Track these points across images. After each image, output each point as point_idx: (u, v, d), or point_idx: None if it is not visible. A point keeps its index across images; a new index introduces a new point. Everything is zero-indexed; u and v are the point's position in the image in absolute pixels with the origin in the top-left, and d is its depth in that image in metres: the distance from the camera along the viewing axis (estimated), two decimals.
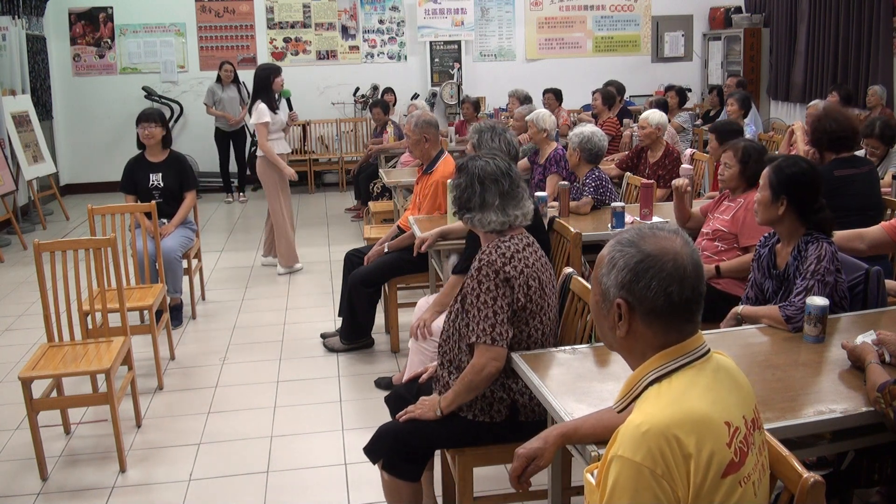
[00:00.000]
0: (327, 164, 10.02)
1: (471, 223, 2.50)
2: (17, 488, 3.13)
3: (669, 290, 1.38)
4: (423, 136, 4.41)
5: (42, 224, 8.02)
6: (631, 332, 1.43)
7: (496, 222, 2.44)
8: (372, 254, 4.35)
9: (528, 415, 2.42)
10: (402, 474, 2.42)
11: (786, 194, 2.62)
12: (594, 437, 1.82)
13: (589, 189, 4.43)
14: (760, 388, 2.02)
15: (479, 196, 2.45)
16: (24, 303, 5.49)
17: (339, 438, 3.45)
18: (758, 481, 1.39)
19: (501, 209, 2.45)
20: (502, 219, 2.45)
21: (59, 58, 9.63)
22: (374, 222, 6.36)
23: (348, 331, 4.37)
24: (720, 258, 3.44)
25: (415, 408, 2.44)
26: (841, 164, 3.73)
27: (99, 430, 3.59)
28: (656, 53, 10.72)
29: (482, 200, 2.45)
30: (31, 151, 7.87)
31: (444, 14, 9.99)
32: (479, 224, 2.47)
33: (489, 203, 2.45)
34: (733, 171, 3.48)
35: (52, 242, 3.40)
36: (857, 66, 8.26)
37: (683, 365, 1.40)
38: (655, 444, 1.28)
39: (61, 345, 3.43)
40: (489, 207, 2.45)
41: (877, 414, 1.91)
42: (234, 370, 4.26)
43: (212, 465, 3.28)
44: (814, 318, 2.35)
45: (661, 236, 1.42)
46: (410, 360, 3.30)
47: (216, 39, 9.94)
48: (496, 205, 2.44)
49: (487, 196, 2.45)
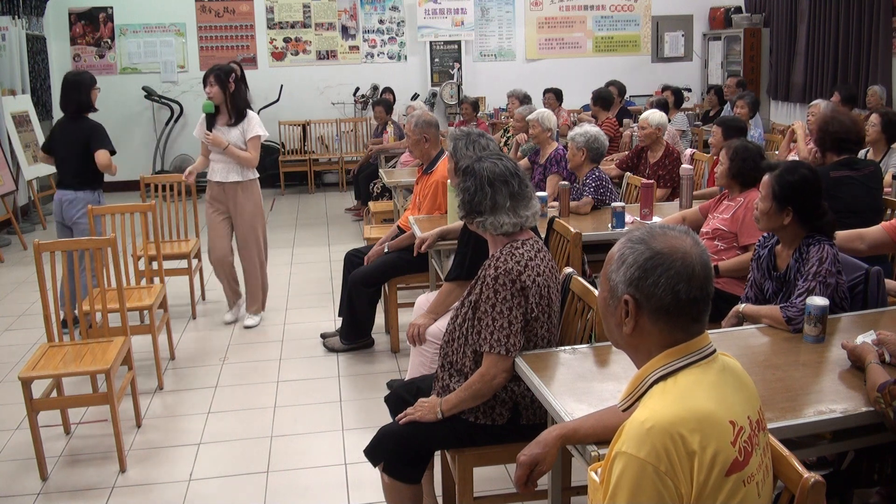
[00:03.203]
0: (327, 164, 10.03)
1: (482, 227, 2.43)
2: (17, 488, 3.13)
3: (677, 289, 1.38)
4: (423, 136, 4.41)
5: (42, 224, 8.03)
6: (637, 329, 1.43)
7: (509, 224, 2.40)
8: (372, 254, 4.35)
9: (529, 417, 2.41)
10: (403, 476, 2.42)
11: (791, 204, 2.59)
12: (594, 438, 1.82)
13: (589, 189, 4.43)
14: (761, 388, 2.01)
15: (489, 199, 2.39)
16: (24, 303, 5.49)
17: (339, 438, 3.45)
18: (761, 482, 1.39)
19: (513, 210, 2.40)
20: (514, 220, 2.40)
21: (59, 58, 9.63)
22: (374, 222, 6.36)
23: (348, 331, 4.37)
24: (720, 257, 3.45)
25: (414, 410, 2.43)
26: (839, 166, 3.73)
27: (99, 430, 3.59)
28: (656, 53, 10.72)
29: (493, 203, 2.39)
30: (31, 151, 7.87)
31: (444, 14, 10.00)
32: (492, 227, 2.41)
33: (500, 205, 2.39)
34: (724, 168, 3.51)
35: (52, 242, 3.40)
36: (857, 66, 8.26)
37: (689, 364, 1.40)
38: (660, 441, 1.28)
39: (61, 345, 3.43)
40: (500, 209, 2.39)
41: (877, 414, 1.91)
42: (234, 370, 4.26)
43: (212, 465, 3.28)
44: (814, 318, 2.35)
45: (671, 235, 1.43)
46: (412, 362, 3.30)
47: (216, 39, 9.95)
48: (507, 206, 2.39)
49: (498, 198, 2.39)
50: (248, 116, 4.71)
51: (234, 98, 4.66)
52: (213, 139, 4.61)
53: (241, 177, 4.74)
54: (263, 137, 4.76)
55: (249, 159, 4.71)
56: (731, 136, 4.34)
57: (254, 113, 4.78)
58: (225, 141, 4.62)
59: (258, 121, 4.75)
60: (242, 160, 4.69)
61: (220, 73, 4.62)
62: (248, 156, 4.70)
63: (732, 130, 4.59)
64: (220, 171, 4.73)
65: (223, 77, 4.62)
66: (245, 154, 4.68)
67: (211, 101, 4.62)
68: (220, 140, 4.60)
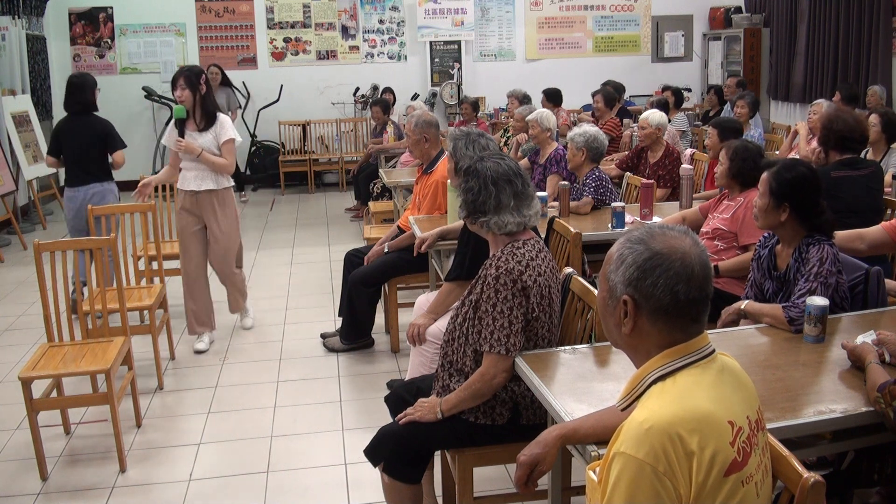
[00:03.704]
0: (327, 164, 10.02)
1: (486, 227, 2.43)
2: (17, 488, 3.13)
3: (676, 289, 1.38)
4: (423, 136, 4.41)
5: (42, 224, 8.03)
6: (636, 329, 1.43)
7: (513, 223, 2.40)
8: (372, 254, 4.35)
9: (529, 417, 2.41)
10: (403, 477, 2.42)
11: (788, 201, 2.60)
12: (594, 438, 1.82)
13: (589, 189, 4.43)
14: (760, 388, 2.01)
15: (494, 198, 2.39)
16: (24, 303, 5.49)
17: (339, 438, 3.45)
18: (760, 482, 1.39)
19: (517, 209, 2.41)
20: (518, 219, 2.41)
21: (59, 58, 9.63)
22: (374, 222, 6.36)
23: (348, 331, 4.37)
24: (720, 257, 3.45)
25: (414, 410, 2.43)
26: (840, 166, 3.72)
27: (99, 430, 3.59)
28: (656, 53, 10.72)
29: (497, 202, 2.40)
30: (31, 151, 7.87)
31: (444, 14, 9.99)
32: (496, 227, 2.41)
33: (504, 204, 2.40)
34: (724, 168, 3.51)
35: (52, 242, 3.40)
36: (857, 66, 8.26)
37: (688, 364, 1.40)
38: (658, 442, 1.28)
39: (61, 345, 3.43)
40: (505, 209, 2.40)
41: (877, 414, 1.91)
42: (234, 370, 4.26)
43: (212, 465, 3.28)
44: (814, 318, 2.35)
45: (670, 235, 1.43)
46: (412, 362, 3.30)
47: (216, 39, 9.94)
48: (511, 206, 2.40)
49: (503, 197, 2.40)
50: (218, 120, 4.39)
51: (204, 101, 4.34)
52: (185, 146, 4.29)
53: (216, 185, 4.42)
54: (238, 142, 4.45)
55: (226, 165, 4.40)
56: (727, 137, 4.33)
57: (225, 116, 4.47)
58: (198, 147, 4.31)
59: (230, 124, 4.45)
60: (218, 167, 4.37)
61: (190, 76, 4.30)
62: (225, 161, 4.38)
63: (728, 132, 4.56)
64: (192, 179, 4.39)
65: (193, 79, 4.31)
66: (220, 160, 4.36)
67: (182, 106, 4.31)
68: (193, 147, 4.29)
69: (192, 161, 4.37)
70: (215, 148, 4.37)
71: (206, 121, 4.36)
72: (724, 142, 3.79)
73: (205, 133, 4.35)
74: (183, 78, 4.28)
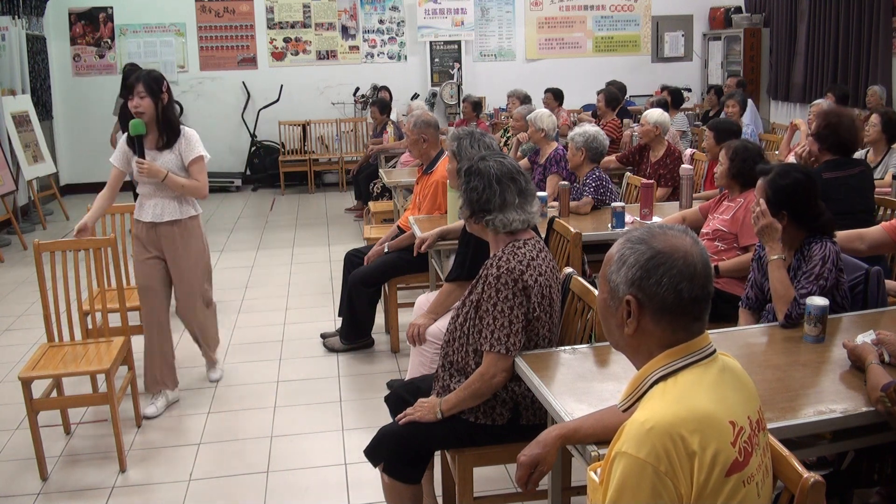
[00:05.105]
0: (327, 164, 10.03)
1: (491, 225, 2.42)
2: (17, 488, 3.13)
3: (680, 287, 1.38)
4: (422, 137, 4.41)
5: (42, 224, 8.03)
6: (639, 329, 1.43)
7: (518, 221, 2.41)
8: (372, 254, 4.35)
9: (529, 417, 2.41)
10: (403, 477, 2.42)
11: (785, 209, 2.59)
12: (594, 438, 1.82)
13: (589, 189, 4.43)
14: (760, 388, 2.00)
15: (498, 196, 2.40)
16: (24, 303, 5.49)
17: (339, 438, 3.45)
18: (761, 482, 1.39)
19: (521, 207, 2.42)
20: (523, 217, 2.42)
21: (59, 58, 9.63)
22: (374, 222, 6.36)
23: (348, 331, 4.37)
24: (720, 258, 3.44)
25: (414, 410, 2.43)
26: (831, 167, 3.67)
27: (99, 430, 3.59)
28: (656, 53, 10.72)
29: (502, 200, 2.40)
30: (31, 151, 7.88)
31: (444, 14, 10.00)
32: (501, 225, 2.41)
33: (510, 202, 2.40)
34: (724, 168, 3.51)
35: (52, 242, 3.40)
36: (857, 66, 8.26)
37: (689, 364, 1.40)
38: (660, 442, 1.28)
39: (61, 345, 3.43)
40: (510, 206, 2.41)
41: (877, 414, 1.91)
42: (234, 370, 4.26)
43: (212, 465, 3.28)
44: (814, 318, 2.35)
45: (671, 234, 1.43)
46: (412, 362, 3.30)
47: (216, 39, 9.95)
48: (516, 203, 2.41)
49: (507, 195, 2.40)
50: (182, 134, 3.62)
51: (166, 113, 3.56)
52: (149, 169, 3.50)
53: (180, 214, 3.67)
54: (207, 159, 3.69)
55: (198, 187, 3.63)
56: (723, 139, 4.29)
57: (190, 130, 3.68)
58: (163, 169, 3.54)
59: (197, 138, 3.67)
60: (189, 191, 3.62)
61: (149, 81, 3.51)
62: (196, 184, 3.62)
63: (725, 134, 4.50)
64: (150, 208, 3.64)
65: (154, 86, 3.51)
66: (192, 182, 3.61)
67: (140, 119, 3.50)
68: (157, 170, 3.52)
69: (151, 185, 3.62)
70: (181, 168, 3.62)
71: (169, 136, 3.59)
72: (721, 144, 3.77)
73: (166, 151, 3.59)
74: (142, 84, 3.50)
